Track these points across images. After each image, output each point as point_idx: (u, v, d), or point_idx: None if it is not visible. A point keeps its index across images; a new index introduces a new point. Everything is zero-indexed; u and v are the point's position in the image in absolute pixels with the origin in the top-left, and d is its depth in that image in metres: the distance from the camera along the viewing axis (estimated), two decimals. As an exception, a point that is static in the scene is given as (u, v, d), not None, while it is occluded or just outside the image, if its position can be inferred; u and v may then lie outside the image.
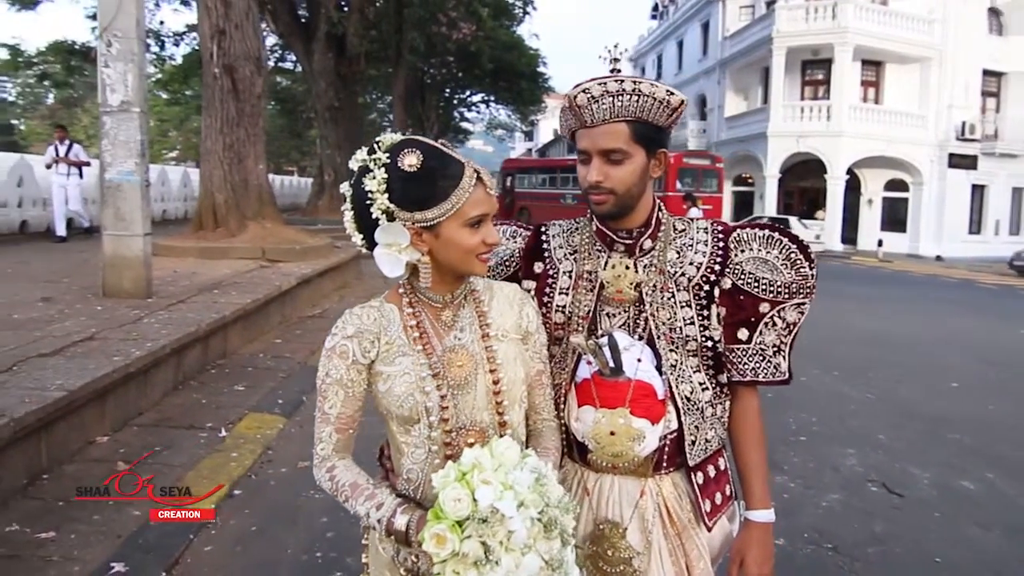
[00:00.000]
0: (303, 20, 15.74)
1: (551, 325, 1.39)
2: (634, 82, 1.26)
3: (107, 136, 5.55)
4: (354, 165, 1.18)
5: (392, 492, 1.20)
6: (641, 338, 1.34)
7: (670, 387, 1.33)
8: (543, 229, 1.49)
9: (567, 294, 1.39)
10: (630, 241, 1.37)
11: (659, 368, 1.33)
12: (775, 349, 1.38)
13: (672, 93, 1.28)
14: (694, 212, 13.78)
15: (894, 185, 24.54)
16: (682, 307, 1.34)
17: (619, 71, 1.35)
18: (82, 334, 4.68)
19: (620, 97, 1.25)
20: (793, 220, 21.21)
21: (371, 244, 1.19)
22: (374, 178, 1.13)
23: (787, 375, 1.39)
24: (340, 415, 1.22)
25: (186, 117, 32.91)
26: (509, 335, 1.28)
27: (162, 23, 17.45)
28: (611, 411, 1.28)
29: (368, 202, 1.14)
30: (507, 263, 1.48)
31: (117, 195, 5.69)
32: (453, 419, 1.19)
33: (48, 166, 10.72)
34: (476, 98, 36.69)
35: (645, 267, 1.37)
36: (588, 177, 1.31)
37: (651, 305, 1.34)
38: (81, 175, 10.82)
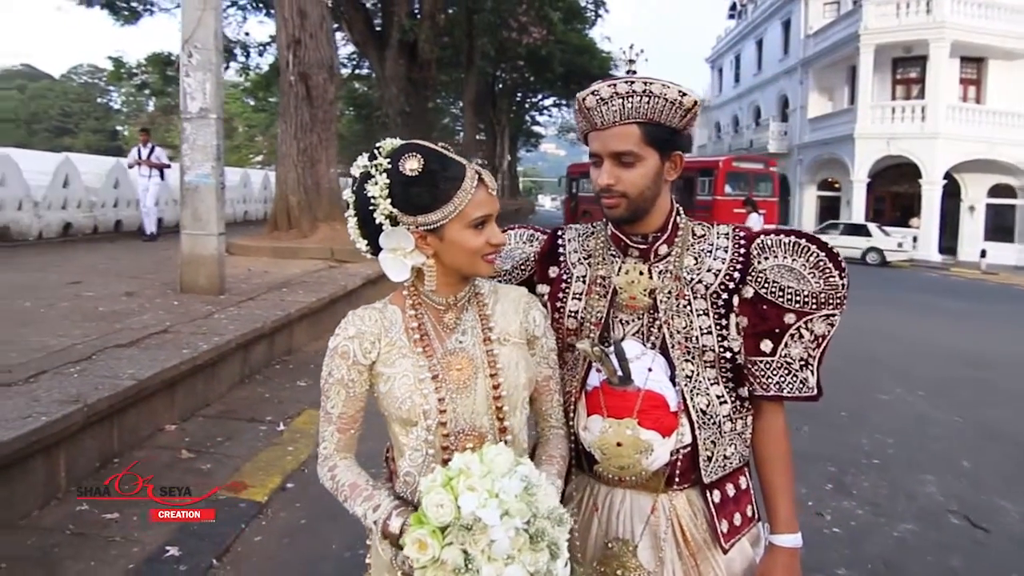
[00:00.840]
0: (377, 28, 16.21)
1: (563, 331, 1.36)
2: (645, 83, 1.22)
3: (187, 141, 5.87)
4: (356, 171, 1.18)
5: (390, 494, 1.20)
6: (654, 347, 1.29)
7: (684, 399, 1.26)
8: (560, 233, 1.46)
9: (580, 299, 1.35)
10: (644, 246, 1.32)
11: (673, 379, 1.27)
12: (802, 363, 1.30)
13: (684, 94, 1.23)
14: (754, 218, 13.27)
15: (999, 191, 22.68)
16: (699, 316, 1.28)
17: (635, 71, 1.32)
18: (157, 327, 4.94)
19: (630, 98, 1.22)
20: (872, 226, 20.12)
21: (376, 249, 1.19)
22: (376, 183, 1.14)
23: (815, 390, 1.31)
24: (342, 415, 1.22)
25: (271, 123, 34.52)
26: (512, 339, 1.26)
27: (247, 34, 18.36)
28: (618, 421, 1.23)
29: (371, 207, 1.15)
30: (523, 267, 1.45)
31: (195, 196, 6.00)
32: (451, 423, 1.18)
33: (130, 167, 11.33)
34: (548, 102, 36.78)
35: (660, 273, 1.32)
36: (599, 180, 1.28)
37: (665, 313, 1.29)
38: (162, 176, 11.34)
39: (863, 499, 3.78)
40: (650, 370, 1.25)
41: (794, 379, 1.29)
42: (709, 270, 1.30)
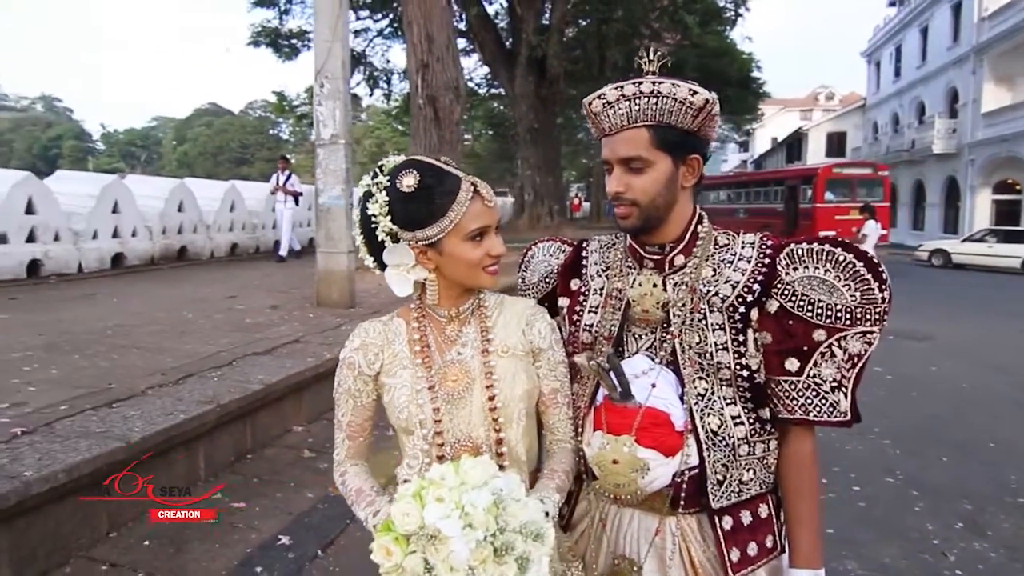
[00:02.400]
0: (508, 47, 16.70)
1: (578, 344, 1.33)
2: (653, 83, 1.17)
3: (320, 166, 6.40)
4: (360, 191, 1.24)
5: (391, 500, 1.22)
6: (665, 362, 1.24)
7: (692, 418, 1.20)
8: (584, 245, 1.44)
9: (596, 313, 1.32)
10: (658, 256, 1.27)
11: (683, 397, 1.21)
12: (834, 384, 1.19)
13: (695, 92, 1.16)
14: (871, 225, 12.03)
15: None
16: (714, 331, 1.21)
17: (655, 72, 1.25)
18: (291, 337, 5.43)
19: (637, 100, 1.17)
20: None
21: (383, 265, 1.24)
22: (376, 202, 1.18)
23: (847, 415, 1.20)
24: (351, 423, 1.29)
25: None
26: (512, 351, 1.26)
27: (388, 62, 19.70)
28: (616, 438, 1.19)
29: (373, 225, 1.19)
30: (547, 279, 1.45)
31: (328, 217, 6.52)
32: (447, 432, 1.21)
33: (272, 192, 12.17)
34: (684, 110, 35.61)
35: (675, 285, 1.25)
36: (608, 187, 1.25)
37: (678, 327, 1.23)
38: (296, 202, 12.01)
39: (999, 541, 3.32)
40: (654, 386, 1.20)
41: (823, 402, 1.19)
42: (727, 282, 1.23)
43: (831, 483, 3.84)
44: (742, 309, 1.21)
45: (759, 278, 1.22)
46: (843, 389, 1.19)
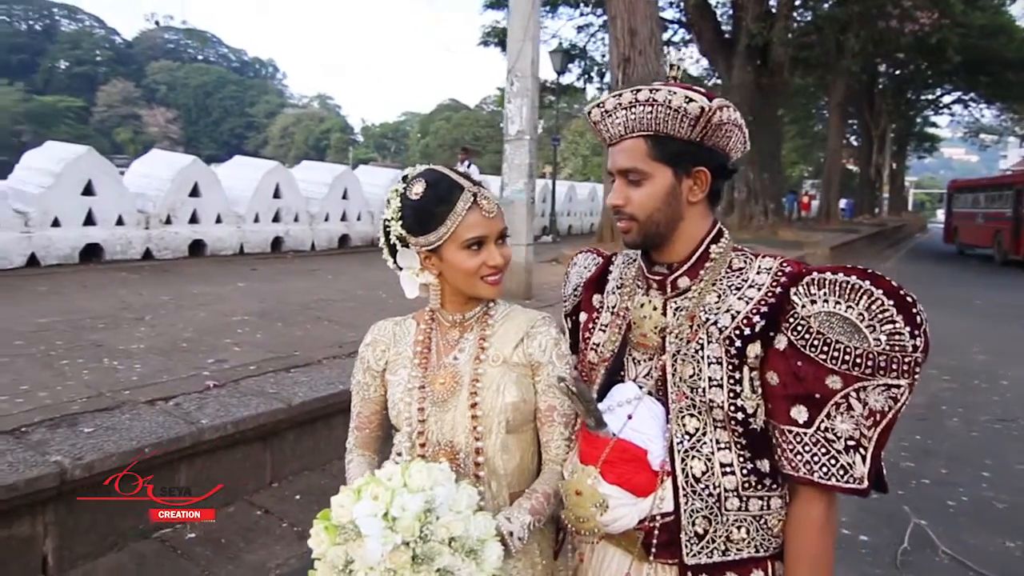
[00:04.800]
0: (726, 36, 15.72)
1: (584, 363, 1.27)
2: (652, 90, 1.08)
3: (506, 160, 6.63)
4: (385, 197, 1.31)
5: None
6: (651, 393, 1.13)
7: (673, 459, 1.08)
8: (612, 258, 1.36)
9: (604, 332, 1.25)
10: (660, 278, 1.16)
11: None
12: (850, 443, 1.01)
13: (691, 100, 1.05)
14: None
15: None
16: (710, 364, 1.08)
17: (676, 79, 1.18)
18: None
19: (633, 109, 1.10)
20: None
21: (400, 267, 1.31)
22: (391, 207, 1.26)
23: (862, 482, 1.00)
24: (359, 414, 1.37)
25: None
26: (505, 361, 1.25)
27: (603, 56, 19.58)
28: (584, 467, 1.11)
29: (387, 229, 1.27)
30: (576, 292, 1.40)
31: (510, 210, 6.74)
32: (430, 434, 1.24)
33: None
34: (948, 98, 30.66)
35: (676, 310, 1.14)
36: (607, 200, 1.18)
37: (672, 356, 1.11)
38: None
39: None
40: (630, 417, 1.09)
41: (832, 462, 1.02)
42: (728, 310, 1.09)
43: None
44: (738, 343, 1.06)
45: (763, 309, 1.07)
46: (860, 450, 1.01)
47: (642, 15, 8.71)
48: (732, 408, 1.07)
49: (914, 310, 0.99)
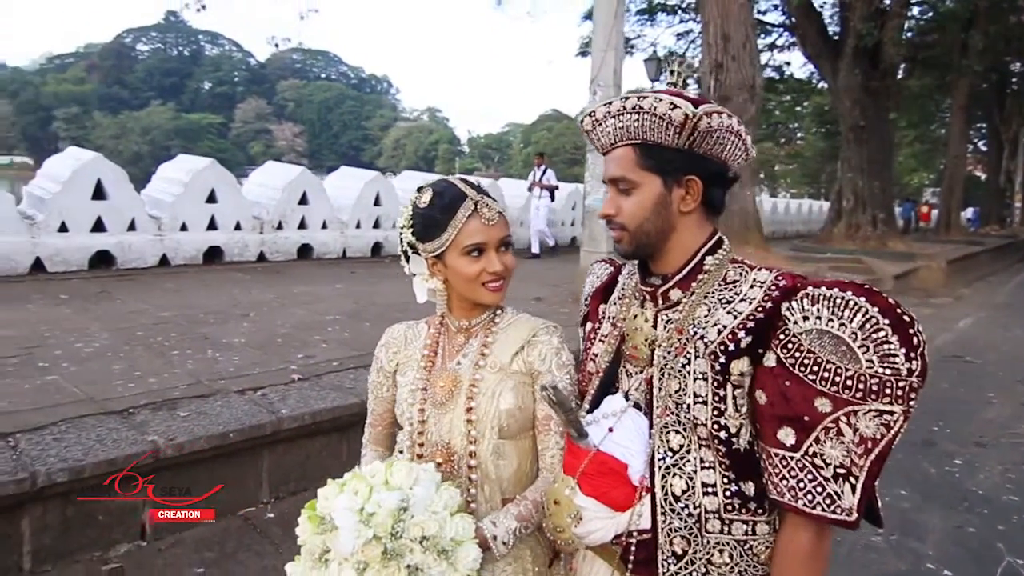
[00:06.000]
0: (833, 38, 14.88)
1: (585, 373, 1.29)
2: (639, 97, 1.08)
3: (588, 169, 6.70)
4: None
5: None
6: (639, 407, 1.13)
7: (653, 475, 1.07)
8: (622, 268, 1.36)
9: (604, 343, 1.26)
10: (652, 289, 1.16)
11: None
12: (839, 471, 0.96)
13: (675, 106, 1.03)
14: None
15: None
16: (695, 380, 1.06)
17: (677, 84, 1.17)
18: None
19: (621, 117, 1.10)
20: None
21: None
22: (403, 215, 1.34)
23: (852, 514, 0.95)
24: (373, 411, 1.46)
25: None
26: (504, 368, 1.28)
27: (696, 59, 19.04)
28: (564, 477, 1.13)
29: (401, 236, 1.36)
30: (586, 302, 1.42)
31: (591, 218, 6.79)
32: (429, 435, 1.30)
33: (529, 189, 12.22)
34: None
35: (666, 323, 1.13)
36: (599, 210, 1.21)
37: (660, 370, 1.11)
38: (552, 198, 11.99)
39: None
40: (611, 430, 1.10)
41: (819, 489, 0.97)
42: (715, 324, 1.07)
43: None
44: (723, 359, 1.04)
45: (750, 324, 1.04)
46: (851, 480, 0.96)
47: (736, 19, 8.48)
48: (715, 427, 1.05)
49: (911, 330, 0.94)
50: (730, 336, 1.05)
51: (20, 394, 3.42)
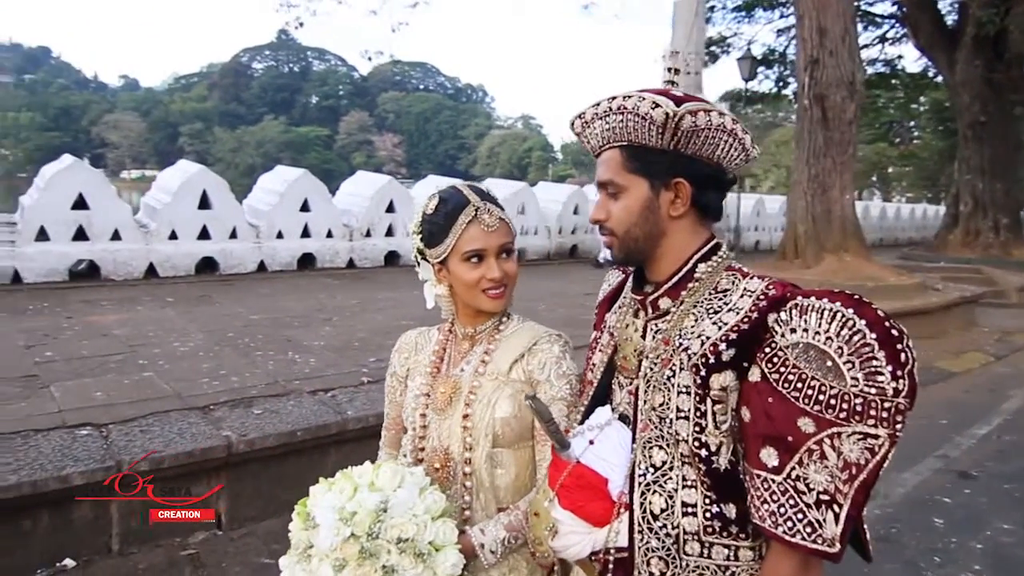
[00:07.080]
0: (949, 27, 13.70)
1: (585, 383, 1.26)
2: (624, 97, 1.04)
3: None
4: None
5: None
6: (626, 419, 1.10)
7: (632, 492, 1.04)
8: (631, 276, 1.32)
9: (602, 352, 1.23)
10: (642, 297, 1.12)
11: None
12: (822, 498, 0.90)
13: (657, 105, 0.99)
14: None
15: None
16: (679, 394, 1.02)
17: (675, 84, 1.12)
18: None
19: (607, 118, 1.06)
20: None
21: None
22: (414, 222, 1.36)
23: (834, 545, 0.88)
24: (387, 415, 1.50)
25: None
26: (504, 376, 1.28)
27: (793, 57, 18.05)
28: (545, 489, 1.11)
29: (412, 242, 1.38)
30: (596, 309, 1.38)
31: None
32: (429, 440, 1.32)
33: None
34: None
35: (655, 333, 1.09)
36: (589, 214, 1.18)
37: (645, 382, 1.07)
38: None
39: None
40: (591, 443, 1.07)
41: (800, 516, 0.90)
42: (700, 335, 1.02)
43: None
44: (703, 372, 0.99)
45: (733, 336, 0.98)
46: (834, 508, 0.88)
47: (834, 12, 7.99)
48: (696, 443, 1.00)
49: (899, 346, 0.87)
50: (711, 348, 1.00)
51: (118, 388, 3.73)
